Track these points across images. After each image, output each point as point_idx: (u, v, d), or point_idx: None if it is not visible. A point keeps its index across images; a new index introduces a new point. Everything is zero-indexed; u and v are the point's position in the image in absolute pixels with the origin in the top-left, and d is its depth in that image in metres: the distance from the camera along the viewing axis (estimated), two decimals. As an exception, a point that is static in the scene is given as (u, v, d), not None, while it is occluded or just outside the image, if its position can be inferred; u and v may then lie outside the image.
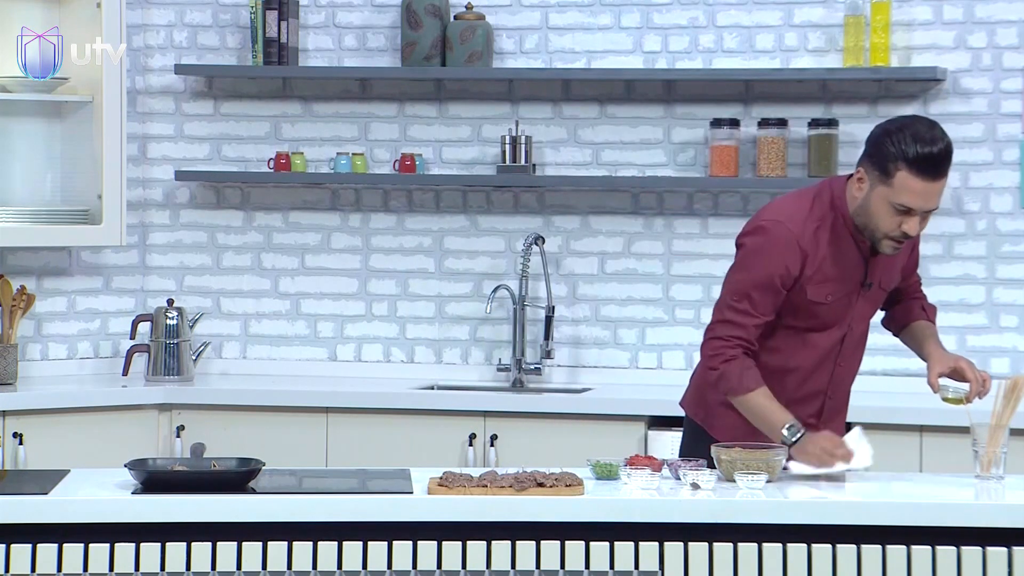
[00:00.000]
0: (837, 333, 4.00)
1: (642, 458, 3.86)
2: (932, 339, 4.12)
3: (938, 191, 3.83)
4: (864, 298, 4.01)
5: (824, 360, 4.02)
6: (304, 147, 5.97)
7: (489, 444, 5.38)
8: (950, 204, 5.62)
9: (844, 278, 3.95)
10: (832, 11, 5.68)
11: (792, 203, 3.96)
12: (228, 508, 3.55)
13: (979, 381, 3.98)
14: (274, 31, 5.85)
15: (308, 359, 5.99)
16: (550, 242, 5.84)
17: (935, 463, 5.05)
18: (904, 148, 3.77)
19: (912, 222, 3.85)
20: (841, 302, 3.97)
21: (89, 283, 5.97)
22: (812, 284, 3.92)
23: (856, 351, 4.09)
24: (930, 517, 3.57)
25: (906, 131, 3.79)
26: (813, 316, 3.96)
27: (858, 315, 4.02)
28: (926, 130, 3.80)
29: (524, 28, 5.87)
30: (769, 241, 3.89)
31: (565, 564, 3.54)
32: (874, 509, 3.61)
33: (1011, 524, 3.55)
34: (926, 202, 3.82)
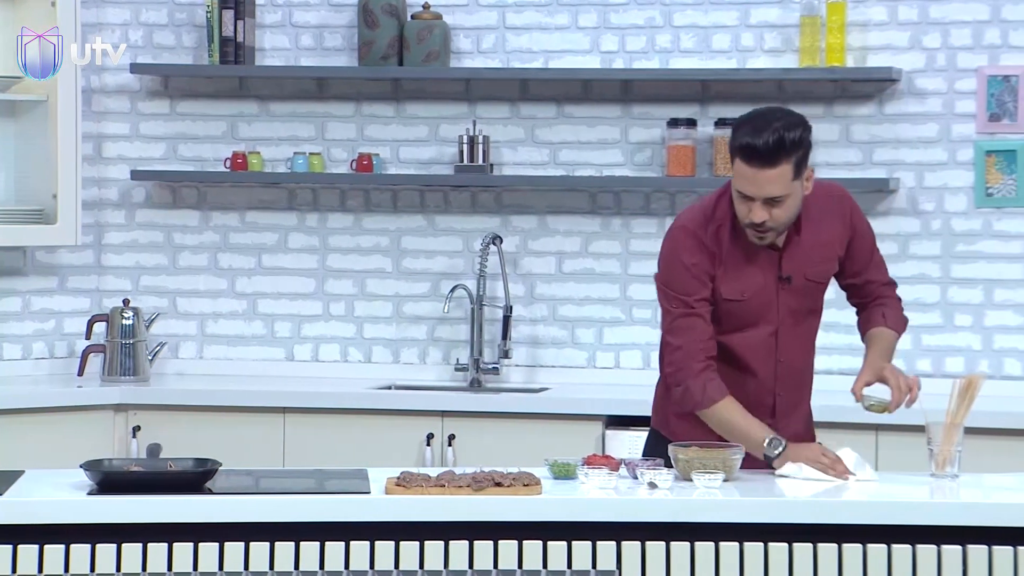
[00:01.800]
0: (767, 329, 4.00)
1: (599, 457, 3.87)
2: (875, 347, 4.09)
3: (771, 179, 3.83)
4: (788, 292, 4.00)
5: (763, 358, 4.01)
6: (261, 147, 5.96)
7: (447, 444, 5.38)
8: (905, 204, 5.65)
9: (756, 274, 3.96)
10: (788, 11, 5.70)
11: (696, 206, 4.04)
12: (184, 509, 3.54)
13: (902, 389, 3.94)
14: (230, 30, 5.83)
15: (265, 359, 5.98)
16: (508, 242, 5.85)
17: (891, 462, 5.07)
18: (738, 137, 3.86)
19: (756, 209, 3.86)
20: (760, 298, 3.97)
21: (44, 283, 5.94)
22: (724, 283, 3.95)
23: (799, 346, 4.06)
24: (886, 516, 3.59)
25: (746, 121, 3.89)
26: (735, 315, 3.97)
27: (786, 309, 4.01)
28: (762, 121, 3.86)
29: (481, 28, 5.87)
30: (675, 245, 3.98)
31: (523, 564, 3.54)
32: (830, 508, 3.63)
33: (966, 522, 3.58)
34: (759, 189, 3.85)
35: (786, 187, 3.86)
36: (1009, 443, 5.04)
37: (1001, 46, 5.56)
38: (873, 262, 4.17)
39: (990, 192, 5.59)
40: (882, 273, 4.19)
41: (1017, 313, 5.58)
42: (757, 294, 3.97)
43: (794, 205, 3.90)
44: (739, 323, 3.97)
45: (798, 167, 3.88)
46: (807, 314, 4.08)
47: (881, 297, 4.18)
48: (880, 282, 4.18)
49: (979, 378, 3.97)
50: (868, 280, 4.17)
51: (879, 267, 4.18)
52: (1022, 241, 5.57)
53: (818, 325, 4.15)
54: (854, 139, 5.68)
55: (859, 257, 4.13)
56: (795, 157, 3.86)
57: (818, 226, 4.02)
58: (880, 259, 4.19)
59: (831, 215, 4.03)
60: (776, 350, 4.02)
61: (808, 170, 3.94)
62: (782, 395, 4.06)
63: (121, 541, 3.50)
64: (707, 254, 3.94)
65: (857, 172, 5.66)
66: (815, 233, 4.01)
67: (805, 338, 4.09)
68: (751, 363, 4.00)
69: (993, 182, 5.59)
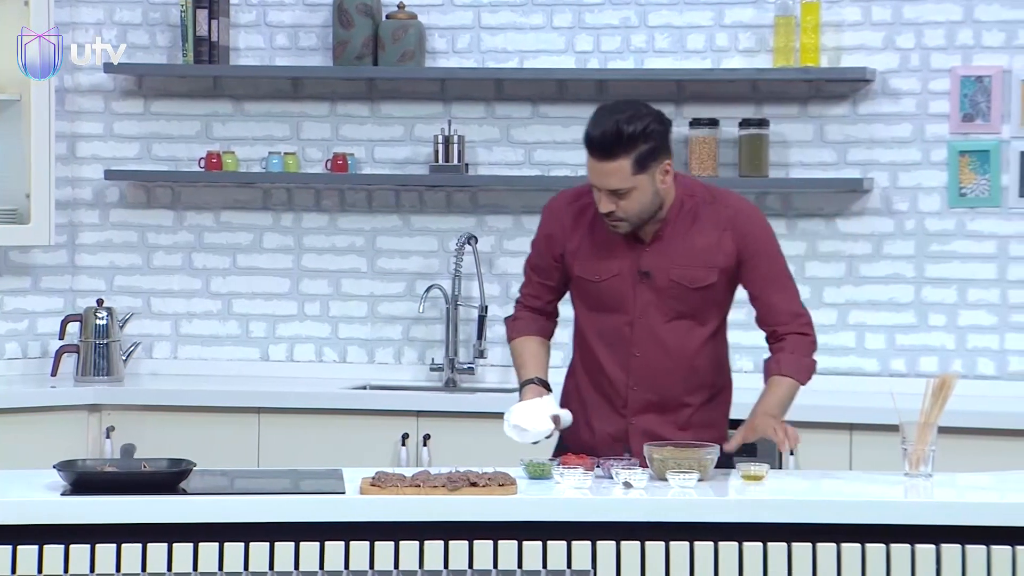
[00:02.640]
0: (622, 319, 4.01)
1: (574, 457, 3.87)
2: (762, 401, 4.02)
3: (609, 171, 3.88)
4: (648, 288, 3.99)
5: (615, 346, 4.03)
6: (235, 146, 5.94)
7: (422, 444, 5.38)
8: (879, 204, 5.66)
9: (615, 261, 4.00)
10: (762, 12, 5.71)
11: (580, 185, 4.12)
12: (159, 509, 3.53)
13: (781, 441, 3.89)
14: (205, 30, 5.82)
15: (240, 359, 5.96)
16: (483, 242, 5.85)
17: (865, 461, 5.09)
18: (586, 128, 3.95)
19: (602, 199, 3.93)
20: (615, 285, 4.01)
21: (17, 283, 5.92)
22: (579, 260, 4.05)
23: (667, 347, 4.00)
24: (860, 515, 3.60)
25: (597, 111, 3.96)
26: (593, 296, 4.06)
27: (646, 304, 4.00)
28: (607, 112, 3.92)
29: (456, 28, 5.87)
30: (542, 214, 4.16)
31: (498, 563, 3.54)
32: (805, 507, 3.63)
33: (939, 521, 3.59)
34: (600, 180, 3.92)
35: (626, 180, 3.89)
36: (982, 443, 5.06)
37: (974, 47, 5.58)
38: (776, 288, 4.02)
39: (964, 192, 5.61)
40: (788, 302, 4.04)
41: (990, 313, 5.60)
42: (612, 281, 4.02)
43: (643, 199, 3.92)
44: (596, 304, 4.07)
45: (641, 161, 3.89)
46: (680, 317, 4.01)
47: (785, 337, 4.03)
48: (786, 311, 4.03)
49: (953, 378, 3.98)
50: (770, 305, 4.03)
51: (784, 294, 4.03)
52: (995, 241, 5.59)
53: (712, 333, 4.05)
54: (828, 139, 5.70)
55: (755, 279, 4.03)
56: (636, 151, 3.88)
57: (691, 230, 3.99)
58: (789, 287, 4.05)
59: (714, 225, 4.00)
60: (630, 343, 4.01)
61: (663, 165, 3.93)
62: (636, 390, 4.03)
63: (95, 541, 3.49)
64: (560, 228, 4.07)
65: (831, 172, 5.68)
66: (686, 237, 3.99)
67: (681, 341, 4.02)
68: (602, 348, 4.05)
69: (967, 182, 5.60)
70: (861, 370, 5.67)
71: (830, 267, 5.69)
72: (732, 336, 5.80)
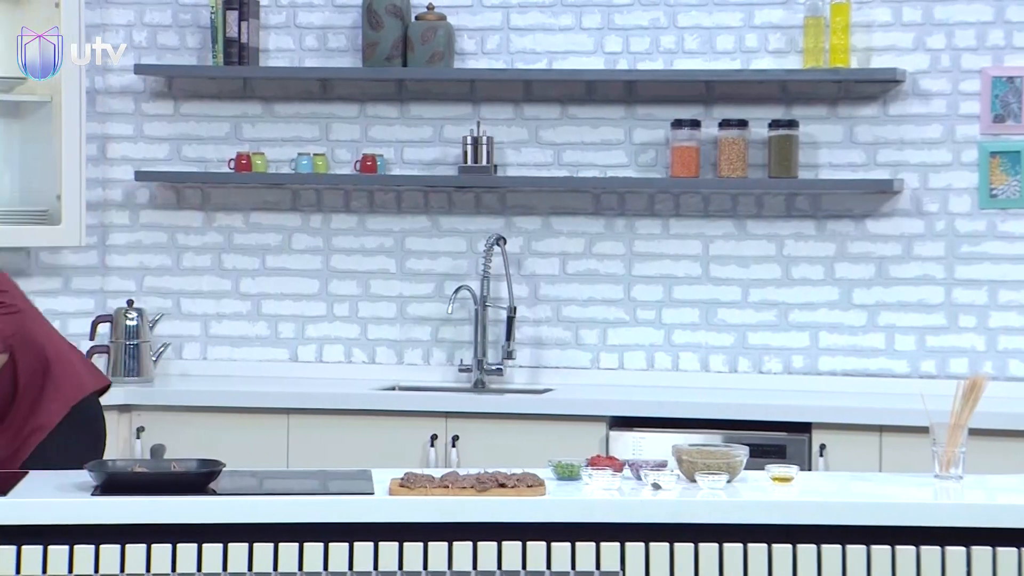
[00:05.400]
0: None
1: (603, 459, 3.87)
2: None
3: None
4: None
5: None
6: (265, 147, 5.96)
7: (451, 445, 5.38)
8: (909, 205, 5.65)
9: None
10: (792, 13, 5.70)
11: None
12: (188, 510, 3.54)
13: None
14: (234, 31, 5.84)
15: (269, 360, 5.98)
16: (511, 243, 5.85)
17: (894, 463, 5.08)
18: None
19: None
20: None
21: (48, 284, 5.94)
22: None
23: None
24: (889, 517, 3.59)
25: None
26: None
27: None
28: None
29: (485, 29, 5.87)
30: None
31: (527, 565, 3.54)
32: (834, 509, 3.63)
33: (969, 524, 3.57)
34: None
35: None
36: (1013, 444, 5.04)
37: (1005, 47, 5.56)
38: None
39: (994, 193, 5.59)
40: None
41: (1021, 314, 5.57)
42: None
43: None
44: None
45: None
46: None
47: None
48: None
49: (983, 379, 3.96)
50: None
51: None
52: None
53: None
54: (858, 140, 5.68)
55: None
56: None
57: None
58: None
59: None
60: None
61: None
62: None
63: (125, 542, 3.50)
64: None
65: (861, 173, 5.66)
66: None
67: None
68: None
69: (997, 183, 5.58)
70: (891, 371, 5.65)
71: (859, 268, 5.68)
72: (762, 337, 5.82)
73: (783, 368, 5.73)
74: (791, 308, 5.73)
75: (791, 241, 5.73)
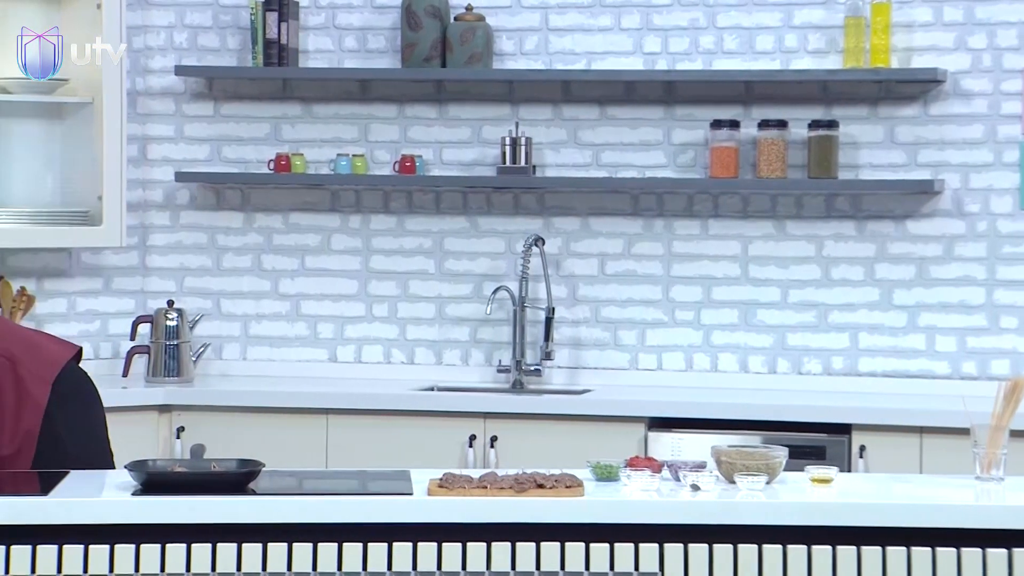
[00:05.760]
0: None
1: (642, 459, 3.86)
2: None
3: None
4: None
5: None
6: (304, 148, 5.97)
7: (489, 445, 5.38)
8: (950, 205, 5.62)
9: None
10: (832, 12, 5.68)
11: None
12: (228, 509, 3.54)
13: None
14: (274, 32, 5.85)
15: (308, 360, 5.99)
16: (550, 243, 5.84)
17: (935, 464, 5.05)
18: None
19: None
20: None
21: (89, 284, 5.97)
22: None
23: None
24: (930, 518, 3.57)
25: None
26: None
27: None
28: None
29: (524, 29, 5.87)
30: None
31: (565, 565, 3.53)
32: (874, 510, 3.61)
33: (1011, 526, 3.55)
34: None
35: None
36: (1055, 446, 5.00)
37: (1047, 47, 5.53)
38: None
39: (1036, 194, 5.56)
40: None
41: (1063, 315, 5.54)
42: None
43: None
44: None
45: None
46: None
47: None
48: None
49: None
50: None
51: None
52: (1068, 243, 5.54)
53: None
54: (899, 140, 5.66)
55: None
56: None
57: None
58: None
59: None
60: None
61: None
62: None
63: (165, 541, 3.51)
64: None
65: (901, 174, 5.64)
66: None
67: None
68: None
69: (1039, 183, 5.55)
70: (932, 373, 5.63)
71: (900, 269, 5.66)
72: (801, 338, 5.80)
73: (822, 369, 5.71)
74: (831, 309, 5.71)
75: (831, 242, 5.71)
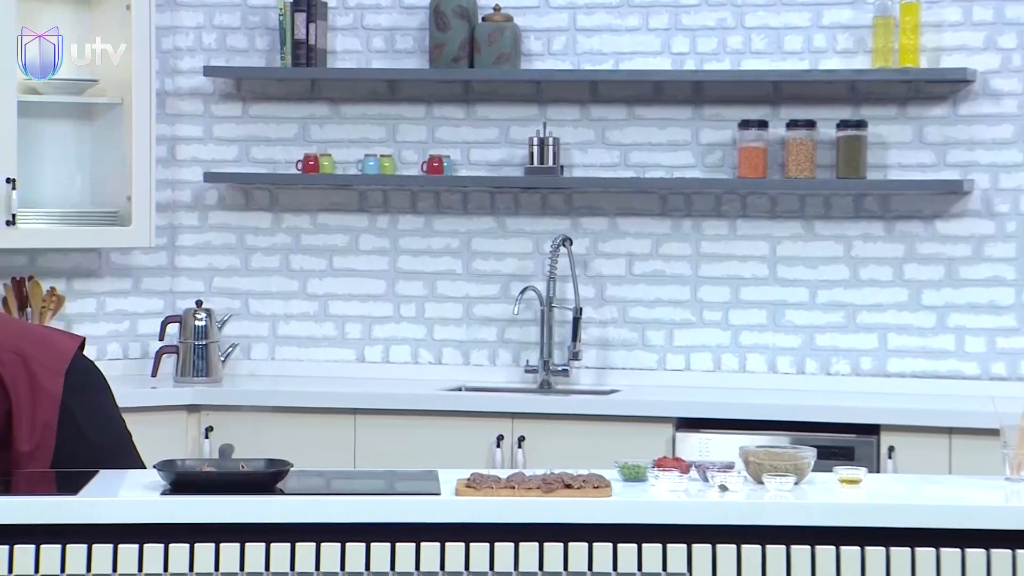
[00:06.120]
0: None
1: (670, 460, 3.85)
2: None
3: None
4: None
5: None
6: (332, 149, 5.98)
7: (517, 445, 5.38)
8: (979, 205, 5.60)
9: None
10: (861, 12, 5.66)
11: None
12: (256, 509, 3.55)
13: None
14: (302, 33, 5.87)
15: (336, 360, 6.00)
16: (578, 244, 5.84)
17: (964, 465, 5.03)
18: None
19: None
20: None
21: (118, 284, 5.99)
22: None
23: None
24: (959, 520, 3.56)
25: None
26: None
27: None
28: None
29: (552, 30, 5.87)
30: None
31: (593, 566, 3.53)
32: (903, 511, 3.60)
33: (1041, 527, 3.54)
34: None
35: None
36: (1085, 447, 4.97)
37: (1077, 46, 5.51)
38: None
39: (1066, 194, 5.54)
40: None
41: (1093, 316, 5.52)
42: None
43: None
44: None
45: None
46: None
47: None
48: None
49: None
50: None
51: None
52: (1099, 243, 5.52)
53: None
54: (927, 140, 5.64)
55: None
56: None
57: None
58: None
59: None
60: None
61: None
62: None
63: (194, 541, 3.52)
64: None
65: (930, 174, 5.62)
66: None
67: None
68: None
69: (1069, 183, 5.53)
70: (961, 373, 5.61)
71: (929, 269, 5.64)
72: (830, 339, 5.79)
73: (851, 370, 5.69)
74: (859, 309, 5.69)
75: (859, 242, 5.69)
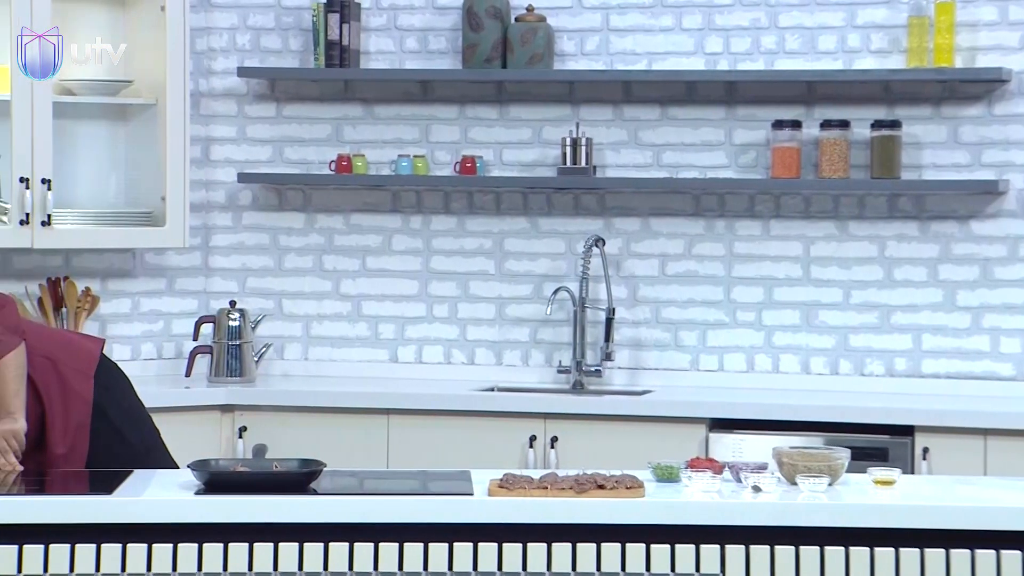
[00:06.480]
0: None
1: (703, 460, 3.85)
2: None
3: None
4: None
5: None
6: (365, 149, 5.99)
7: (549, 446, 5.38)
8: (1015, 206, 5.57)
9: None
10: (896, 12, 5.64)
11: None
12: (290, 509, 3.56)
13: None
14: (336, 34, 5.88)
15: (369, 360, 6.01)
16: (610, 244, 5.84)
17: (999, 466, 5.01)
18: None
19: None
20: None
21: (153, 285, 6.01)
22: None
23: None
24: (994, 521, 3.54)
25: None
26: None
27: None
28: None
29: (585, 30, 5.87)
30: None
31: (626, 567, 3.53)
32: (938, 513, 3.59)
33: (1077, 529, 3.52)
34: None
35: None
36: (1121, 449, 4.96)
37: (1114, 45, 5.48)
38: None
39: (1102, 194, 5.50)
40: None
41: None
42: None
43: None
44: None
45: None
46: None
47: None
48: None
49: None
50: None
51: None
52: None
53: None
54: (962, 140, 5.61)
55: None
56: None
57: None
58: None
59: None
60: None
61: None
62: None
63: (227, 541, 3.54)
64: None
65: (965, 174, 5.60)
66: None
67: None
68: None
69: (1105, 183, 5.49)
70: (996, 374, 5.58)
71: (964, 270, 5.61)
72: (863, 339, 5.77)
73: (885, 371, 5.67)
74: (893, 310, 5.67)
75: (894, 242, 5.67)
